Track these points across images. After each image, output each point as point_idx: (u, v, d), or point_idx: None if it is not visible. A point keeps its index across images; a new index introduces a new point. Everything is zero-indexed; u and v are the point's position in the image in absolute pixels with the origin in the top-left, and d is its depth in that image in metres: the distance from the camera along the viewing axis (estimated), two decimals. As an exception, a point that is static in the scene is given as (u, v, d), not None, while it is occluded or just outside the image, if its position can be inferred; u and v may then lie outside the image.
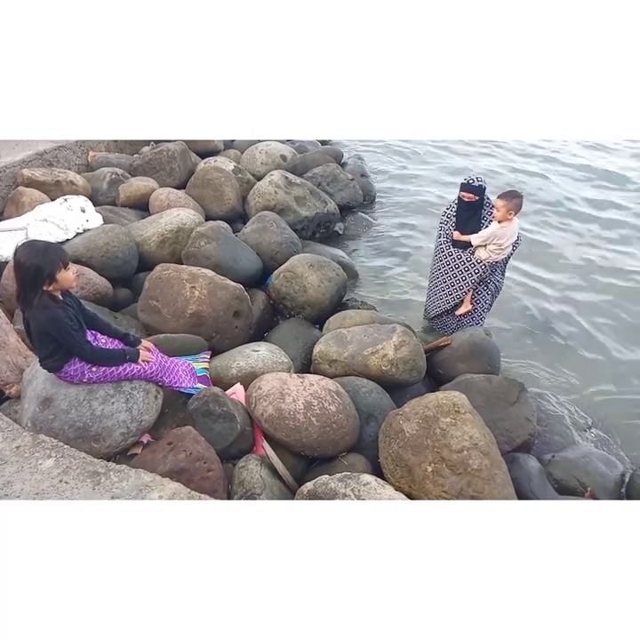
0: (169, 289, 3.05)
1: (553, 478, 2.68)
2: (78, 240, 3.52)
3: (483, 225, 3.31)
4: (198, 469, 2.09)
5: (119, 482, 1.77)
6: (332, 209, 5.25)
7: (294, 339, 3.42)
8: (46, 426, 2.10)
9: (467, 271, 3.42)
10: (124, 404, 2.23)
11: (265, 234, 4.10)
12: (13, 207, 3.97)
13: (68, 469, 1.80)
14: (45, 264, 1.86)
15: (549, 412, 3.34)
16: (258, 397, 2.50)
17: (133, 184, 4.58)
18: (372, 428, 2.62)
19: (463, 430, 2.18)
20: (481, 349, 3.13)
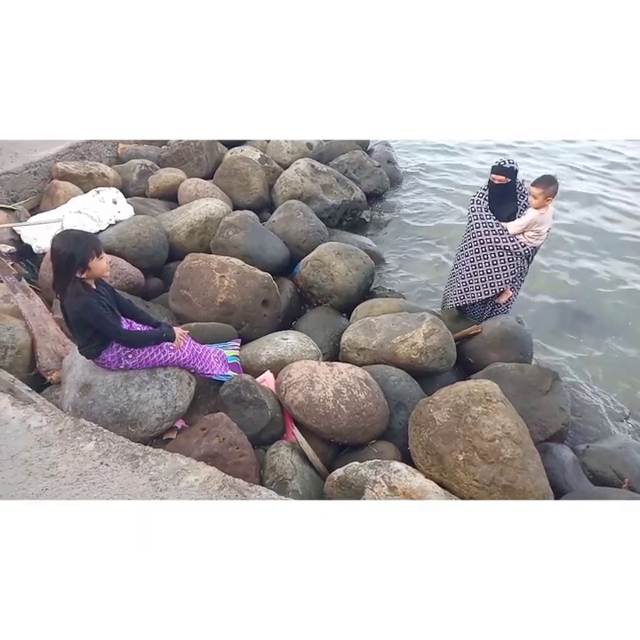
0: (199, 278, 3.09)
1: (588, 469, 2.62)
2: (111, 231, 3.61)
3: (517, 210, 3.21)
4: (231, 454, 2.14)
5: (157, 465, 1.83)
6: (359, 196, 5.21)
7: (322, 327, 3.43)
8: (86, 410, 2.19)
9: (511, 257, 3.23)
10: (158, 390, 2.29)
11: (292, 223, 4.10)
12: (49, 200, 4.09)
13: (108, 452, 1.87)
14: (78, 252, 1.91)
15: (584, 401, 3.26)
16: (288, 385, 2.53)
17: (162, 175, 4.65)
18: (401, 416, 2.62)
19: (495, 419, 2.16)
20: (513, 337, 3.07)
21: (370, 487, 2.01)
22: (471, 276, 3.43)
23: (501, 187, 3.16)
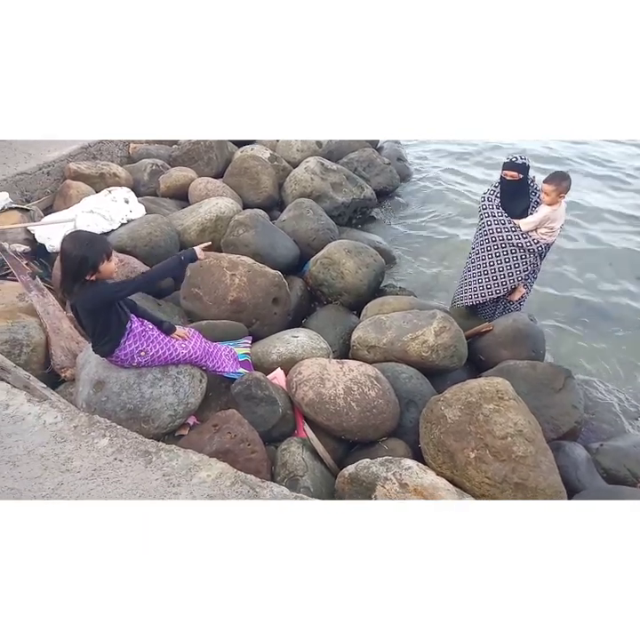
0: (210, 276, 3.11)
1: (601, 467, 2.60)
2: (123, 230, 3.64)
3: (529, 207, 3.18)
4: (243, 451, 2.15)
5: (169, 461, 1.85)
6: (369, 194, 5.19)
7: (332, 325, 3.43)
8: (99, 407, 2.22)
9: (524, 255, 3.18)
10: (170, 387, 2.31)
11: (302, 221, 4.11)
12: (62, 200, 4.14)
13: (121, 448, 1.90)
14: (90, 255, 1.90)
15: (597, 399, 3.22)
16: (298, 382, 2.54)
17: (173, 174, 4.68)
18: (412, 413, 2.61)
19: (507, 417, 2.15)
20: (525, 335, 3.05)
21: (381, 484, 2.01)
22: (482, 275, 3.38)
23: (513, 183, 3.12)
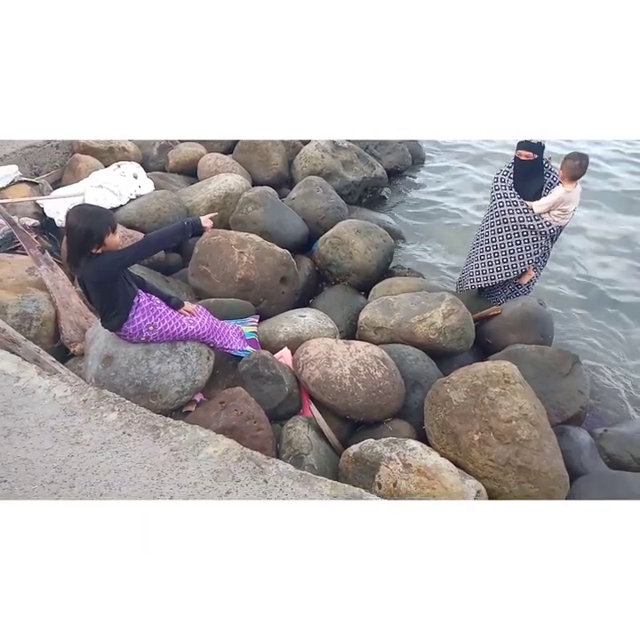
0: (218, 254, 3.11)
1: (605, 453, 2.61)
2: (132, 206, 3.63)
3: (543, 188, 3.11)
4: (249, 428, 2.18)
5: (177, 436, 1.88)
6: (380, 173, 5.11)
7: (339, 305, 3.43)
8: (108, 382, 2.25)
9: (535, 237, 3.13)
10: (178, 364, 2.34)
11: (311, 199, 4.06)
12: (71, 174, 4.12)
13: (130, 422, 1.93)
14: (95, 228, 1.90)
15: (604, 385, 3.22)
16: (305, 361, 2.55)
17: (182, 150, 4.62)
18: (417, 395, 2.63)
19: (512, 400, 2.15)
20: (534, 319, 3.02)
21: (385, 464, 2.04)
22: (492, 257, 3.32)
23: (528, 164, 3.06)
